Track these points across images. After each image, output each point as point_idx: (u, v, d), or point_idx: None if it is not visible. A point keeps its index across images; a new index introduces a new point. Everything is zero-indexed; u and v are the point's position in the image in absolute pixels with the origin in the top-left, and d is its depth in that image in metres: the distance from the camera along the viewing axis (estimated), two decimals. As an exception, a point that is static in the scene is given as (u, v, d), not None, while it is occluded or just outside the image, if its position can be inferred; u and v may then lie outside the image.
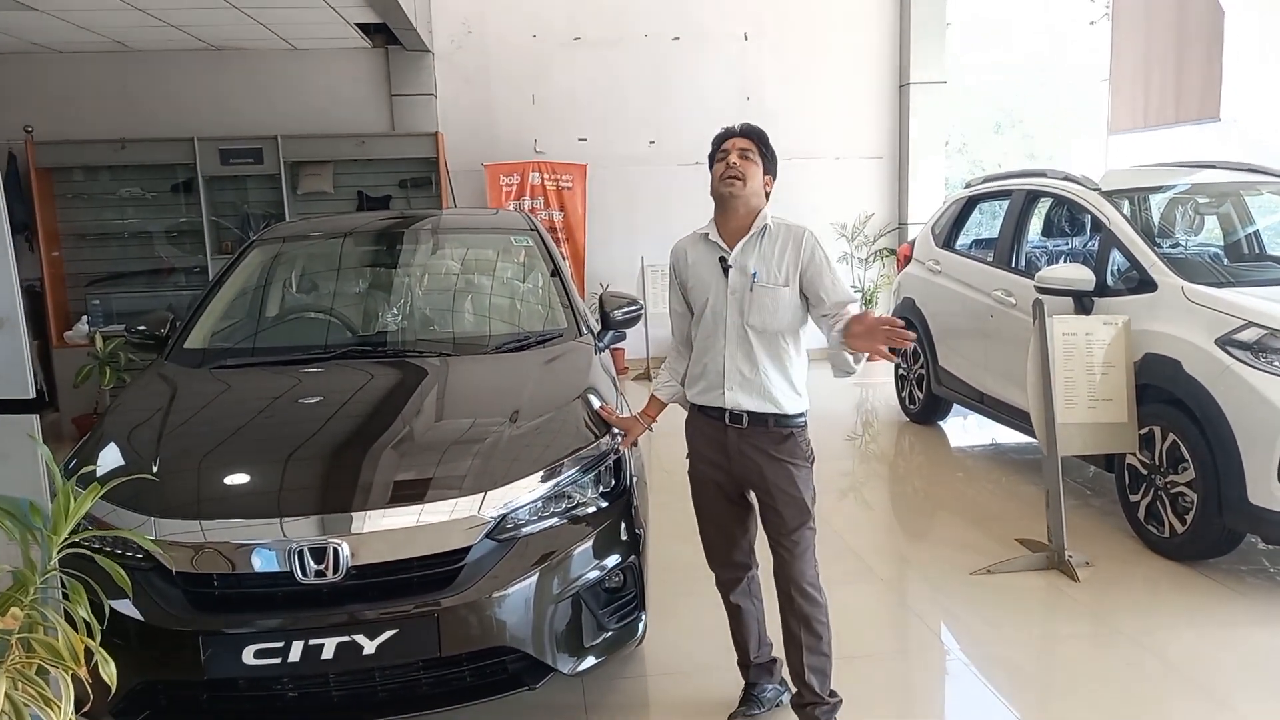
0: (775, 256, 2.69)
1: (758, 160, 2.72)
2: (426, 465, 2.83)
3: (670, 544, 3.82)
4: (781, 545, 2.75)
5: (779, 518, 2.73)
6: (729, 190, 2.68)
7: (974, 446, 6.36)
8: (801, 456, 2.74)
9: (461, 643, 2.57)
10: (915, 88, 8.98)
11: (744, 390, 2.69)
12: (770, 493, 2.72)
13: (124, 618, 2.42)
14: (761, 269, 2.68)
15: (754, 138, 2.75)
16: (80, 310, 7.63)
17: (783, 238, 2.71)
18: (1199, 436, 3.91)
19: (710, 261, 2.76)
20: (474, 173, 8.50)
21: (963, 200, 6.29)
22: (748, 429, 2.71)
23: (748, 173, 2.69)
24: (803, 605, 2.73)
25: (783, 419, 2.71)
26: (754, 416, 2.70)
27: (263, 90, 8.22)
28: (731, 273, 2.70)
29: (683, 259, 2.86)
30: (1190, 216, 5.35)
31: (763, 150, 2.75)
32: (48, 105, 7.86)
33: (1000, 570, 4.06)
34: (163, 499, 2.64)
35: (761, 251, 2.69)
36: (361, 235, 4.66)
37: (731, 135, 2.77)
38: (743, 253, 2.71)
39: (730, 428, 2.73)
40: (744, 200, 2.69)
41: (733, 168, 2.68)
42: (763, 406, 2.69)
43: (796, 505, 2.72)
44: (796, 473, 2.72)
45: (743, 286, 2.69)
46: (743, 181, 2.68)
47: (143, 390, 3.49)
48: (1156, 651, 3.38)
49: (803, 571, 2.74)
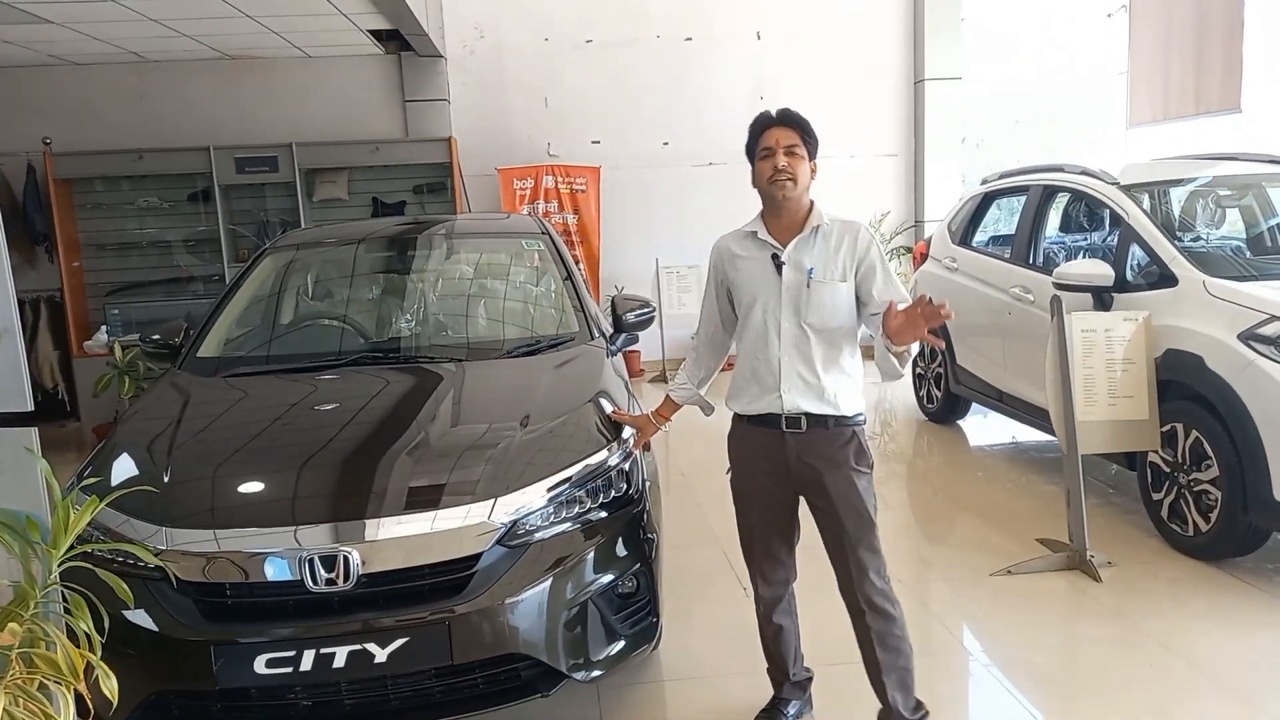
0: (831, 251, 2.58)
1: (804, 153, 2.58)
2: (438, 471, 2.82)
3: (684, 548, 3.80)
4: (848, 561, 2.60)
5: (841, 531, 2.59)
6: (781, 194, 2.56)
7: (993, 445, 6.29)
8: (865, 461, 2.62)
9: (474, 650, 2.55)
10: (930, 84, 8.91)
11: (802, 393, 2.57)
12: (832, 502, 2.58)
13: (136, 628, 2.43)
14: (819, 265, 2.57)
15: (796, 126, 2.59)
16: (100, 320, 7.71)
17: (838, 232, 2.60)
18: (1222, 433, 3.85)
19: (761, 259, 2.63)
20: (488, 177, 8.51)
21: (979, 197, 6.23)
22: (807, 433, 2.58)
23: (797, 171, 2.56)
24: (875, 621, 2.60)
25: (843, 420, 2.59)
26: (813, 419, 2.57)
27: (277, 98, 8.28)
28: (786, 270, 2.58)
29: (727, 256, 2.73)
30: (1211, 210, 5.27)
31: (806, 139, 2.59)
32: (66, 117, 7.94)
33: (1021, 571, 4.01)
34: (175, 508, 2.64)
35: (818, 248, 2.59)
36: (373, 241, 4.66)
37: (771, 125, 2.61)
38: (797, 249, 2.59)
39: (788, 434, 2.59)
40: (796, 199, 2.58)
41: (783, 170, 2.54)
42: (821, 408, 2.57)
43: (860, 517, 2.58)
44: (859, 480, 2.59)
45: (798, 284, 2.57)
46: (794, 182, 2.55)
47: (156, 399, 3.50)
48: (1182, 652, 3.32)
49: (872, 585, 2.59)
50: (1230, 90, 7.53)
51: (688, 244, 8.86)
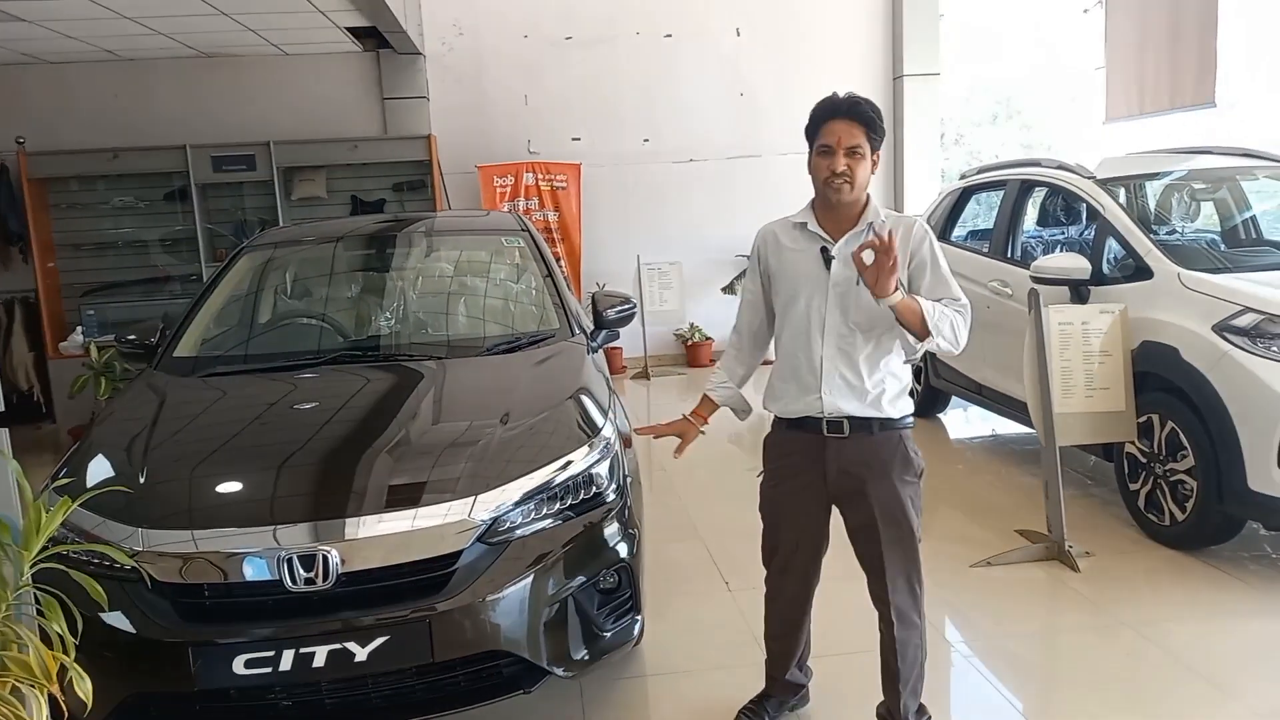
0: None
1: (866, 152, 2.40)
2: (418, 469, 2.81)
3: (666, 544, 3.81)
4: (883, 572, 2.50)
5: (878, 541, 2.47)
6: (836, 198, 2.42)
7: (973, 438, 6.34)
8: (912, 469, 2.49)
9: (455, 648, 2.54)
10: (909, 80, 8.95)
11: (844, 394, 2.44)
12: (872, 513, 2.46)
13: (113, 629, 2.40)
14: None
15: (863, 121, 2.39)
16: (76, 320, 7.62)
17: (891, 227, 2.42)
18: (1198, 423, 3.89)
19: (809, 251, 2.49)
20: (468, 175, 8.48)
21: (958, 191, 6.26)
22: (850, 438, 2.45)
23: (856, 174, 2.39)
24: (902, 632, 2.54)
25: (889, 423, 2.46)
26: (856, 422, 2.44)
27: (254, 97, 8.22)
28: (835, 264, 2.45)
29: (772, 244, 2.58)
30: (1186, 203, 5.33)
31: (872, 135, 2.41)
32: (39, 116, 7.86)
33: (1000, 562, 4.04)
34: (151, 509, 2.62)
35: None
36: (352, 239, 4.63)
37: (835, 116, 2.41)
38: (849, 245, 2.44)
39: (830, 438, 2.46)
40: (852, 199, 2.44)
41: (841, 174, 2.38)
42: (865, 411, 2.44)
43: (900, 527, 2.47)
44: (904, 490, 2.46)
45: (847, 280, 2.43)
46: (851, 185, 2.40)
47: (131, 400, 3.47)
48: (1159, 641, 3.35)
49: (905, 598, 2.52)
50: (1205, 85, 7.60)
51: (669, 241, 8.88)
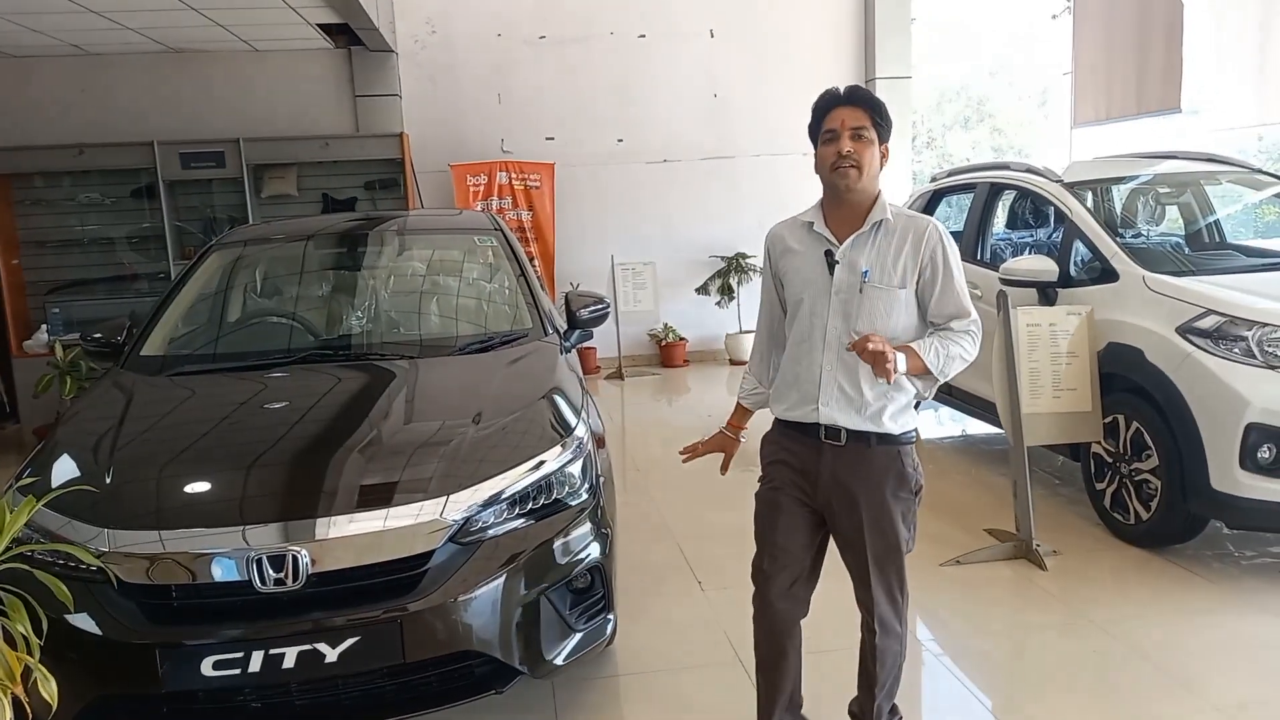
0: (893, 252, 2.30)
1: (874, 137, 2.29)
2: (390, 469, 2.79)
3: (639, 544, 3.81)
4: (869, 581, 2.41)
5: (863, 553, 2.38)
6: (844, 183, 2.28)
7: (944, 439, 6.40)
8: (908, 487, 2.38)
9: (426, 648, 2.54)
10: (881, 82, 9.01)
11: (841, 408, 2.32)
12: (860, 526, 2.36)
13: (79, 631, 2.37)
14: (875, 266, 2.29)
15: (866, 106, 2.31)
16: (40, 319, 7.50)
17: (902, 229, 2.32)
18: (1162, 424, 3.95)
19: (814, 254, 2.37)
20: (441, 173, 8.44)
21: (928, 194, 6.32)
22: (845, 448, 2.34)
23: (864, 158, 2.27)
24: (884, 640, 2.46)
25: (888, 436, 2.34)
26: (853, 434, 2.33)
27: (224, 93, 8.13)
28: (838, 269, 2.31)
29: (780, 246, 2.47)
30: (1151, 207, 5.41)
31: (878, 121, 2.31)
32: (5, 111, 7.74)
33: (969, 561, 4.08)
34: (117, 510, 2.59)
35: (877, 246, 2.31)
36: (323, 238, 4.60)
37: (837, 104, 2.33)
38: (854, 247, 2.32)
39: (825, 445, 2.36)
40: (862, 190, 2.30)
41: (847, 156, 2.26)
42: (863, 425, 2.32)
43: (887, 541, 2.37)
44: (896, 508, 2.36)
45: (850, 286, 2.30)
46: (859, 170, 2.27)
47: (98, 399, 3.42)
48: (1124, 638, 3.40)
49: (889, 608, 2.43)
50: (1170, 91, 7.73)
51: (643, 241, 8.89)
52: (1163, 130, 8.27)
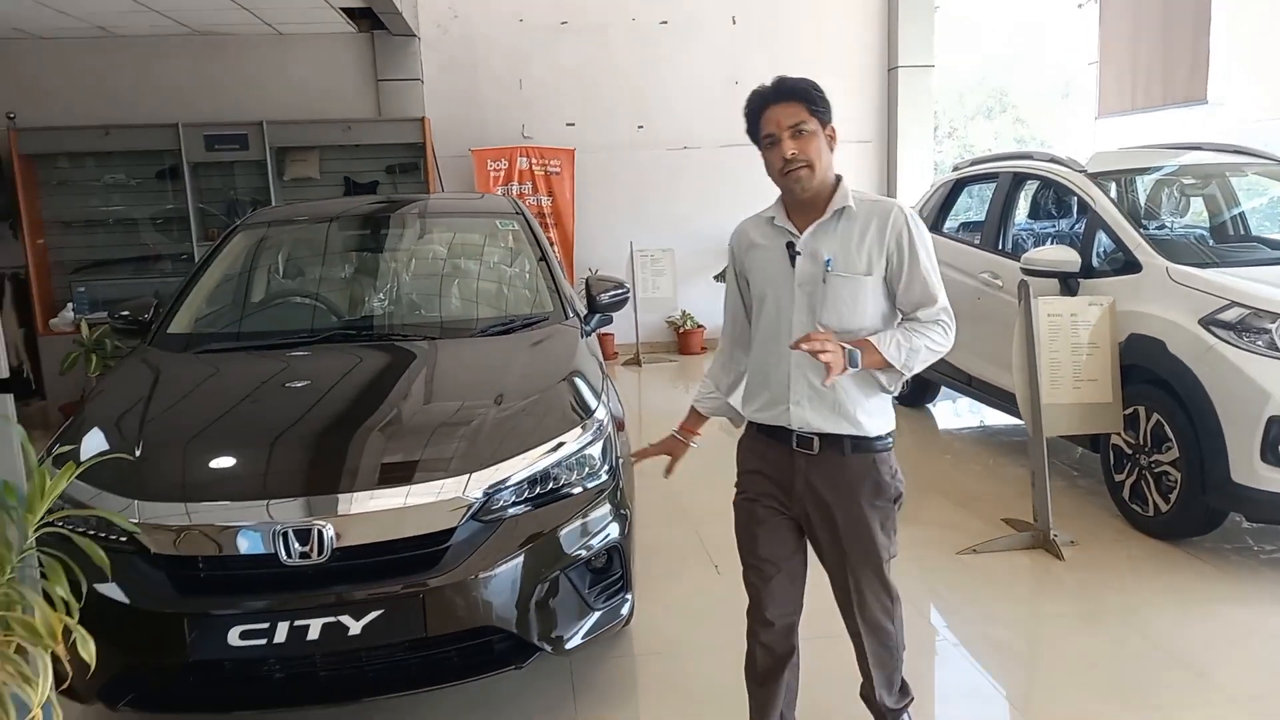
0: (856, 238, 2.17)
1: (815, 127, 2.16)
2: (412, 448, 2.83)
3: (657, 528, 3.84)
4: (848, 590, 2.33)
5: (843, 562, 2.29)
6: (799, 186, 2.16)
7: (962, 429, 6.39)
8: (885, 495, 2.26)
9: (447, 623, 2.57)
10: (904, 71, 8.98)
11: (813, 406, 2.20)
12: (837, 536, 2.26)
13: (109, 600, 2.42)
14: (839, 254, 2.17)
15: (798, 97, 2.18)
16: (66, 298, 7.60)
17: (865, 214, 2.18)
18: (1183, 416, 3.94)
19: (776, 247, 2.25)
20: (461, 158, 8.47)
21: (950, 183, 6.29)
22: (818, 456, 2.22)
23: (811, 154, 2.15)
24: (872, 643, 2.39)
25: (863, 442, 2.22)
26: (827, 439, 2.21)
27: (248, 76, 8.18)
28: (800, 260, 2.20)
29: (744, 243, 2.35)
30: (1176, 198, 5.38)
31: (814, 108, 2.18)
32: (30, 92, 7.80)
33: (986, 550, 4.09)
34: (146, 482, 2.64)
35: (840, 234, 2.18)
36: (346, 220, 4.64)
37: (767, 103, 2.19)
38: (815, 236, 2.20)
39: (798, 453, 2.24)
40: (818, 183, 2.19)
41: (794, 159, 2.13)
42: (838, 426, 2.20)
43: (867, 550, 2.27)
44: (874, 517, 2.25)
45: (814, 277, 2.18)
46: (811, 168, 2.15)
47: (126, 375, 3.47)
48: (1141, 629, 3.41)
49: (872, 609, 2.35)
50: (1197, 82, 7.66)
51: (662, 228, 8.90)
52: (1187, 121, 8.19)
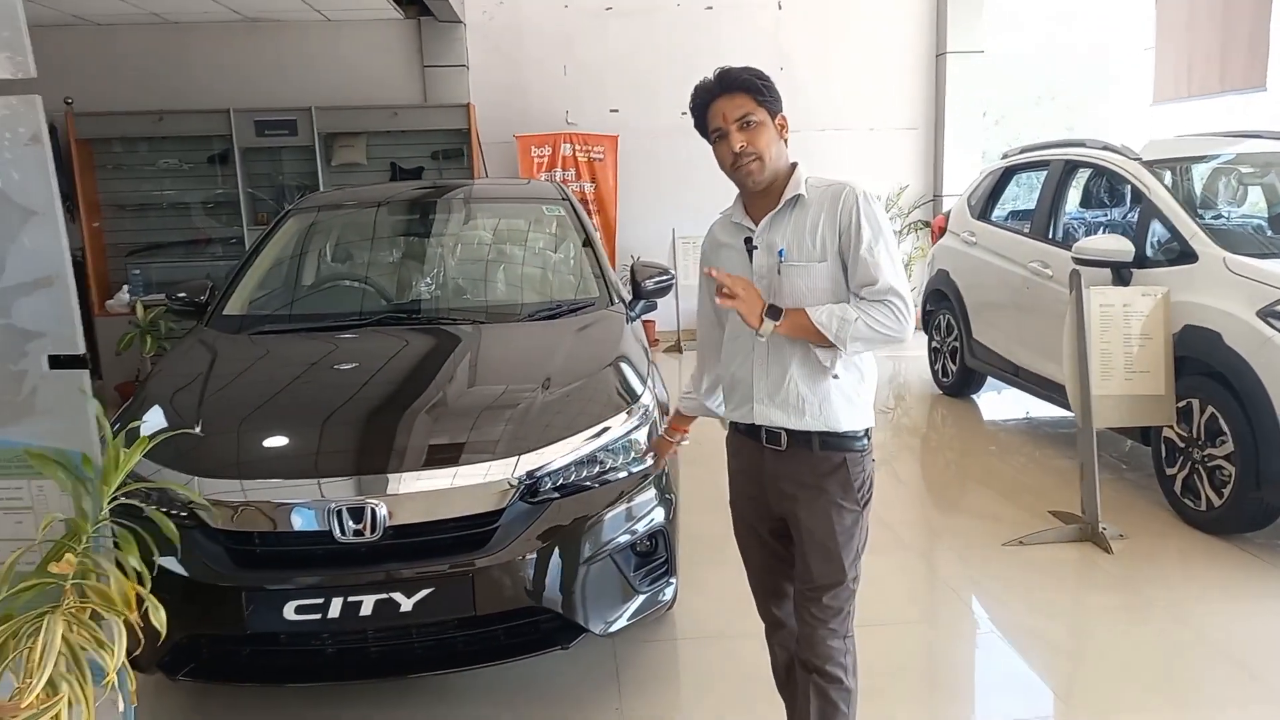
0: (808, 225, 2.09)
1: (763, 117, 2.08)
2: (460, 430, 2.87)
3: (699, 515, 3.83)
4: (803, 608, 2.18)
5: (806, 570, 2.15)
6: (750, 181, 2.10)
7: (1007, 420, 6.32)
8: (851, 495, 2.13)
9: (495, 602, 2.62)
10: (952, 57, 8.84)
11: (774, 403, 2.12)
12: (801, 535, 2.15)
13: (168, 573, 2.48)
14: (792, 244, 2.09)
15: (741, 88, 2.08)
16: (121, 280, 7.76)
17: (818, 200, 2.10)
18: (1238, 409, 3.86)
19: (736, 245, 2.20)
20: (506, 144, 8.51)
21: (999, 171, 6.21)
22: (786, 452, 2.13)
23: (761, 145, 2.07)
24: (821, 687, 2.15)
25: (831, 439, 2.11)
26: (795, 436, 2.11)
27: (297, 62, 8.27)
28: (756, 254, 2.13)
29: (712, 245, 2.31)
30: (1233, 187, 5.25)
31: (760, 98, 2.08)
32: (87, 78, 7.95)
33: (1032, 541, 4.05)
34: (205, 459, 2.71)
35: (793, 223, 2.11)
36: (395, 205, 4.69)
37: (712, 97, 2.10)
38: (770, 228, 2.13)
39: (767, 449, 2.16)
40: (770, 174, 2.11)
41: (743, 153, 2.07)
42: (801, 422, 2.10)
43: (830, 560, 2.12)
44: (839, 518, 2.11)
45: (770, 269, 2.10)
46: (761, 161, 2.07)
47: (184, 355, 3.56)
48: (1190, 624, 3.36)
49: (824, 643, 2.14)
50: (1256, 68, 7.45)
51: (705, 214, 8.74)
52: (1245, 109, 7.98)
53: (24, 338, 1.92)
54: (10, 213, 1.93)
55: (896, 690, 2.92)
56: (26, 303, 1.92)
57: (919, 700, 2.99)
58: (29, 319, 1.92)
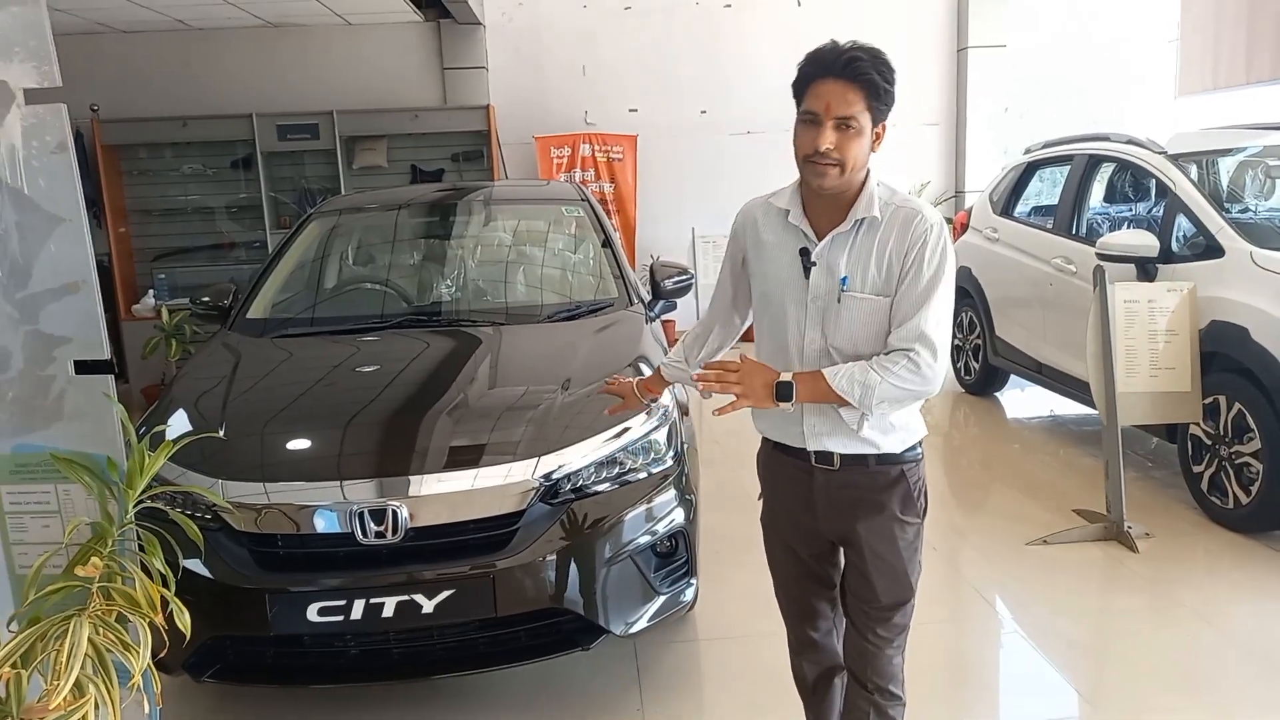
0: (875, 253, 1.91)
1: (864, 124, 1.86)
2: (481, 431, 2.88)
3: (719, 515, 3.85)
4: (866, 630, 2.10)
5: (869, 590, 2.05)
6: (818, 182, 1.89)
7: (1031, 418, 6.26)
8: (912, 508, 2.03)
9: (516, 603, 2.63)
10: (974, 52, 8.78)
11: (827, 432, 1.99)
12: (862, 555, 2.04)
13: (193, 575, 2.52)
14: (856, 271, 1.92)
15: (864, 84, 1.85)
16: (147, 284, 7.87)
17: (888, 224, 1.91)
18: (1266, 405, 3.81)
19: (789, 250, 2.00)
20: (525, 145, 8.53)
21: (1022, 166, 6.15)
22: (841, 471, 2.01)
23: (847, 155, 1.85)
24: (880, 706, 2.13)
25: (887, 458, 2.00)
26: (848, 458, 2.01)
27: (318, 66, 8.34)
28: (815, 273, 1.95)
29: (751, 228, 2.11)
30: (1261, 180, 5.17)
31: (875, 102, 1.87)
32: (112, 84, 8.05)
33: (1057, 541, 4.01)
34: (229, 462, 2.74)
35: (859, 247, 1.92)
36: (416, 207, 4.72)
37: (829, 74, 1.86)
38: (833, 247, 1.94)
39: (818, 469, 2.03)
40: (842, 183, 1.90)
41: (826, 154, 1.85)
42: (857, 448, 1.99)
43: (896, 580, 2.04)
44: (901, 533, 2.02)
45: (828, 293, 1.94)
46: (841, 169, 1.86)
47: (208, 359, 3.60)
48: (1217, 624, 3.32)
49: (887, 669, 2.11)
50: (1284, 59, 7.34)
51: (724, 213, 8.74)
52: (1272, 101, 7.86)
53: (51, 343, 1.95)
54: (37, 220, 1.96)
55: (921, 691, 2.89)
56: (54, 308, 1.96)
57: (944, 700, 2.97)
58: (56, 324, 1.96)
